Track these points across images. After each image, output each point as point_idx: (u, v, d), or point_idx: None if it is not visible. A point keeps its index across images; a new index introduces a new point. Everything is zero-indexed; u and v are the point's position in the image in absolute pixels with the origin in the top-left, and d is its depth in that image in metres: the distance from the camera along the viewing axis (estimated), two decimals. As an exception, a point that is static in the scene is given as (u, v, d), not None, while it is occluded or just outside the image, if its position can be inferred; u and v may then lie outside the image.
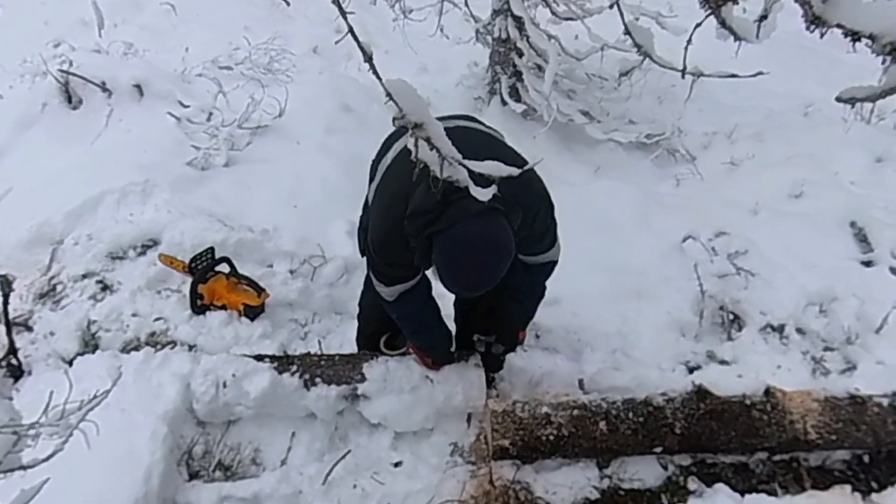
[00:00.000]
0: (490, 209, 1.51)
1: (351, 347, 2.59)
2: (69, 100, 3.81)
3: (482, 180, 1.06)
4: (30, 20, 5.74)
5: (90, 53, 4.29)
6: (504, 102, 4.15)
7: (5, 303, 2.42)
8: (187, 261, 2.69)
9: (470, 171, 1.04)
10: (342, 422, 2.36)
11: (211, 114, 3.74)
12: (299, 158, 3.54)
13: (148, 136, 3.52)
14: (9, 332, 2.44)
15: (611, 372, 2.56)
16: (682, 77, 1.20)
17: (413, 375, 2.23)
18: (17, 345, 2.48)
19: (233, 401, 2.23)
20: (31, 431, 1.45)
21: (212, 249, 2.71)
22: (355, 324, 2.57)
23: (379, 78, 0.95)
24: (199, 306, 2.67)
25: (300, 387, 2.23)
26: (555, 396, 2.39)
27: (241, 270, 2.73)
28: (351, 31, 0.94)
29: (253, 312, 2.66)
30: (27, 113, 3.78)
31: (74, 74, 3.76)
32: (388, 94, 0.94)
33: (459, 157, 1.02)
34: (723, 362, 2.69)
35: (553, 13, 3.93)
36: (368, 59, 0.94)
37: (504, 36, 3.99)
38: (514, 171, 1.04)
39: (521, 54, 4.01)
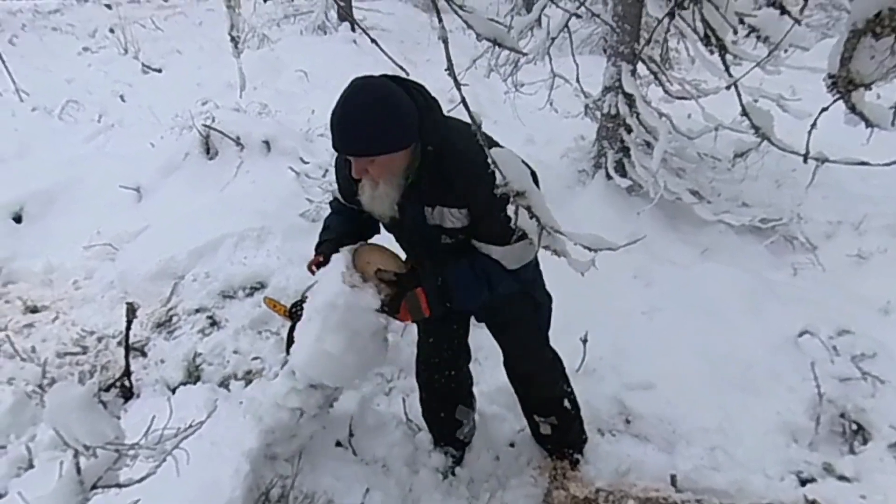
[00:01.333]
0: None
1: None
2: (207, 151, 4.26)
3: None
4: (186, 82, 6.55)
5: (230, 111, 4.80)
6: (609, 177, 4.11)
7: (128, 328, 2.65)
8: (289, 306, 2.83)
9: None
10: (417, 481, 2.32)
11: (326, 171, 4.01)
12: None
13: (269, 187, 3.82)
14: (126, 356, 2.66)
15: (708, 471, 2.34)
16: (805, 162, 1.13)
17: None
18: (132, 368, 2.69)
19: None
20: (131, 452, 1.54)
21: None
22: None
23: (485, 147, 0.98)
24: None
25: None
26: (643, 490, 2.21)
27: (336, 320, 2.82)
28: (463, 101, 0.98)
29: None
30: (172, 160, 4.25)
31: (215, 129, 4.21)
32: (493, 163, 0.96)
33: (559, 226, 1.02)
34: (842, 478, 2.38)
35: (666, 92, 3.91)
36: (477, 127, 0.98)
37: (613, 112, 4.00)
38: (614, 245, 1.01)
39: (629, 130, 3.99)
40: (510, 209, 1.01)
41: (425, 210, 1.72)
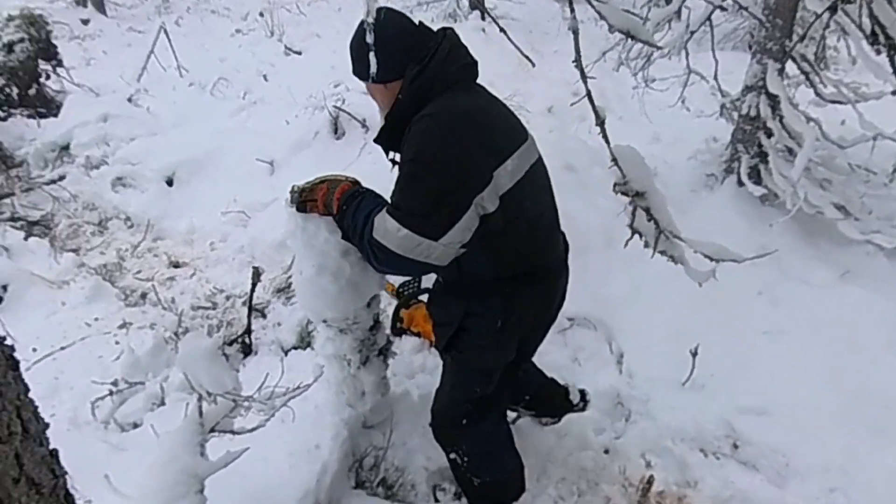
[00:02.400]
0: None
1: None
2: (335, 131, 4.48)
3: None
4: (322, 64, 6.91)
5: (360, 94, 5.00)
6: (741, 183, 3.82)
7: (252, 290, 2.88)
8: (397, 285, 2.93)
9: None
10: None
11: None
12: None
13: (388, 169, 3.95)
14: (249, 315, 2.90)
15: (824, 514, 2.13)
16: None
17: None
18: (252, 327, 2.93)
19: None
20: (246, 403, 1.68)
21: (419, 279, 2.91)
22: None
23: (608, 142, 0.94)
24: (397, 328, 2.87)
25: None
26: (745, 521, 2.06)
27: (440, 304, 2.88)
28: (588, 94, 0.96)
29: (442, 346, 2.77)
30: (303, 138, 4.53)
31: (343, 111, 4.42)
32: (614, 159, 0.93)
33: (679, 231, 0.97)
34: None
35: (818, 94, 3.54)
36: (601, 122, 0.95)
37: (753, 113, 3.70)
38: (739, 257, 0.94)
39: (769, 134, 3.67)
40: (628, 209, 0.97)
41: (388, 154, 1.68)
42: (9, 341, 0.74)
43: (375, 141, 1.70)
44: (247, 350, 2.88)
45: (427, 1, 11.31)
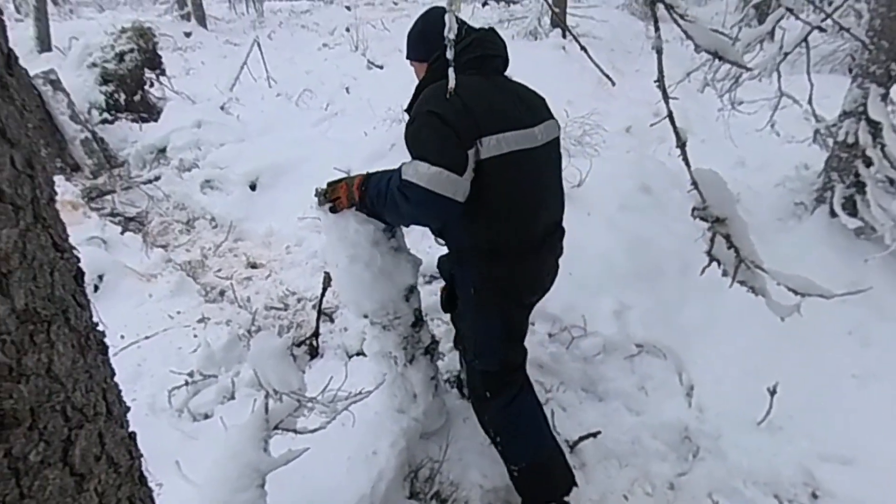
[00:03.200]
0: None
1: (589, 428, 2.48)
2: (411, 144, 4.57)
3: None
4: (402, 79, 7.08)
5: (436, 109, 5.09)
6: (833, 214, 3.58)
7: (322, 294, 2.96)
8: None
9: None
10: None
11: (517, 173, 4.06)
12: (586, 229, 3.60)
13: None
14: (318, 319, 2.98)
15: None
16: None
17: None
18: (320, 330, 3.01)
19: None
20: (309, 404, 1.73)
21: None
22: (599, 407, 2.46)
23: (688, 165, 0.91)
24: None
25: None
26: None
27: (504, 320, 2.86)
28: (670, 115, 0.93)
29: (504, 363, 2.74)
30: (379, 149, 4.64)
31: (420, 124, 4.51)
32: (694, 183, 0.90)
33: (762, 261, 0.92)
34: None
35: (926, 122, 3.28)
36: (681, 144, 0.92)
37: (851, 140, 3.47)
38: (828, 293, 0.88)
39: (868, 163, 3.43)
40: (707, 235, 0.93)
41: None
42: (100, 327, 0.80)
43: (405, 110, 1.93)
44: (313, 352, 2.96)
45: (509, 18, 11.37)
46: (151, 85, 6.33)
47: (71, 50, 6.45)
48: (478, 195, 1.71)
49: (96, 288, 3.34)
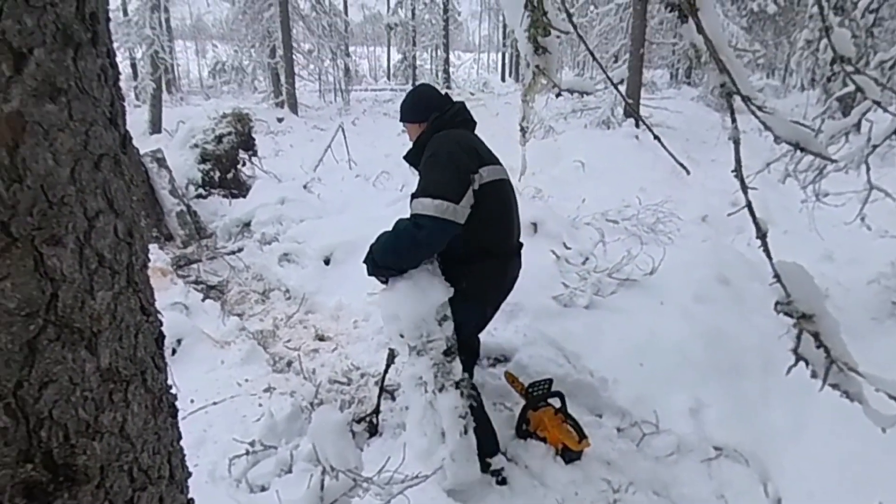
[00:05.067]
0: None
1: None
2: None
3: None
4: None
5: (508, 193, 5.19)
6: (938, 316, 3.28)
7: (385, 371, 2.96)
8: (526, 385, 2.85)
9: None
10: None
11: (587, 259, 4.02)
12: (659, 318, 3.46)
13: (529, 266, 3.95)
14: (379, 396, 2.97)
15: None
16: None
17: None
18: (381, 408, 2.98)
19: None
20: (365, 484, 1.69)
21: (550, 381, 2.81)
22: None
23: (769, 257, 0.87)
24: (523, 430, 2.76)
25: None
26: None
27: (570, 410, 2.74)
28: (749, 205, 0.90)
29: (569, 456, 2.61)
30: (450, 230, 4.74)
31: (491, 207, 4.59)
32: (777, 276, 0.85)
33: (855, 363, 0.84)
34: None
35: None
36: (762, 235, 0.88)
37: (954, 237, 3.23)
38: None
39: (977, 263, 3.16)
40: (792, 332, 0.87)
41: (412, 169, 2.50)
42: (173, 390, 0.83)
43: (405, 158, 2.55)
44: (373, 430, 2.92)
45: (582, 108, 11.66)
46: (244, 164, 6.86)
47: (177, 132, 7.13)
48: (477, 211, 2.19)
49: (174, 351, 3.48)
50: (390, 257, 2.24)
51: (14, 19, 0.49)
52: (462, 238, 2.20)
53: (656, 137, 1.17)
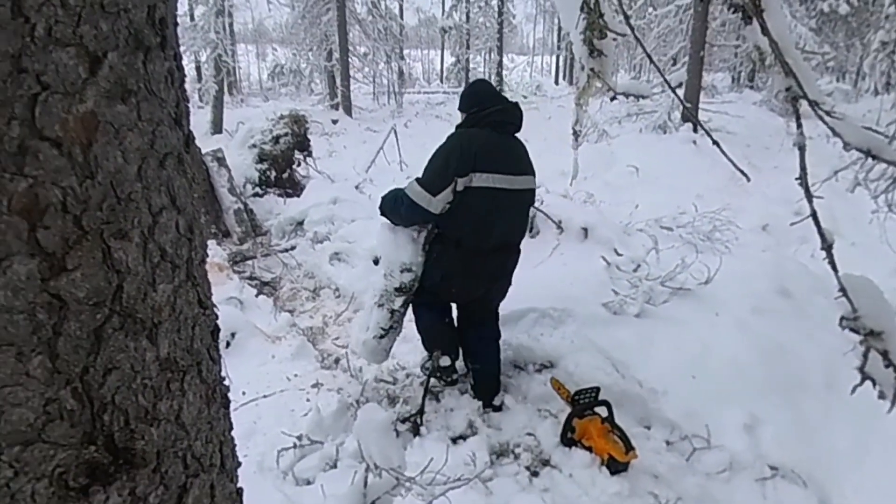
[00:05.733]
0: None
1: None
2: (530, 229, 4.61)
3: None
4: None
5: (558, 197, 5.13)
6: None
7: (429, 377, 2.97)
8: (572, 392, 2.80)
9: None
10: None
11: (639, 266, 3.92)
12: (713, 330, 3.35)
13: (578, 273, 3.92)
14: (424, 396, 2.98)
15: None
16: None
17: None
18: (426, 409, 2.99)
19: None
20: (407, 483, 1.70)
21: (597, 389, 2.76)
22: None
23: (835, 269, 0.83)
24: (568, 438, 2.72)
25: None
26: None
27: (618, 420, 2.68)
28: (814, 214, 0.86)
29: (615, 467, 2.55)
30: (499, 233, 4.73)
31: (541, 210, 4.54)
32: (842, 290, 0.81)
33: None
34: None
35: None
36: (827, 247, 0.84)
37: None
38: None
39: None
40: (858, 349, 0.82)
41: None
42: (226, 382, 0.86)
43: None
44: (416, 430, 2.94)
45: (637, 112, 11.42)
46: (299, 164, 7.03)
47: (237, 132, 7.38)
48: (460, 205, 2.58)
49: (228, 344, 3.60)
50: (387, 210, 2.84)
51: (91, 24, 0.52)
52: (442, 223, 2.69)
53: (715, 142, 1.13)
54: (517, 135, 2.80)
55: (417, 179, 2.61)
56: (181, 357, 0.68)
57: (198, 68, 17.87)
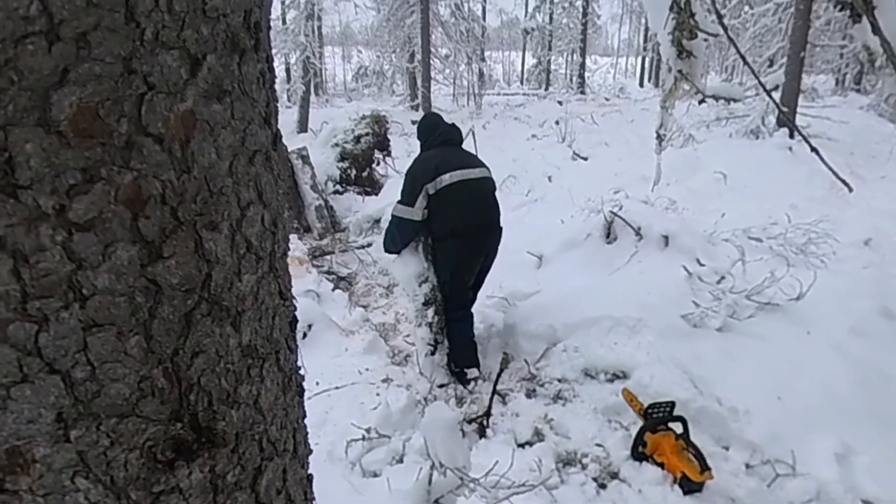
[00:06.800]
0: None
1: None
2: (608, 235, 4.49)
3: None
4: (605, 171, 7.09)
5: (638, 202, 4.97)
6: None
7: (499, 375, 2.97)
8: (645, 405, 2.71)
9: None
10: None
11: (723, 278, 3.73)
12: (803, 349, 3.13)
13: (657, 281, 3.78)
14: (491, 398, 2.98)
15: None
16: None
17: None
18: (492, 411, 2.99)
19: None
20: (471, 484, 1.70)
21: (672, 404, 2.65)
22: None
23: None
24: (639, 452, 2.63)
25: None
26: None
27: (693, 438, 2.56)
28: (925, 230, 0.78)
29: (688, 486, 2.44)
30: (574, 238, 4.64)
31: (619, 216, 4.41)
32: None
33: None
34: None
35: None
36: (940, 266, 0.76)
37: None
38: None
39: None
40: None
41: None
42: (301, 371, 0.89)
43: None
44: (482, 432, 2.94)
45: (728, 116, 10.88)
46: (378, 164, 7.20)
47: (321, 132, 7.65)
48: (440, 204, 3.17)
49: (304, 335, 3.75)
50: (388, 244, 3.42)
51: (193, 29, 0.56)
52: (433, 227, 3.26)
53: (814, 149, 1.06)
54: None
55: (398, 200, 3.25)
56: (261, 345, 0.71)
57: (287, 70, 18.69)
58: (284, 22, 17.35)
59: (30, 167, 0.48)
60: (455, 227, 3.21)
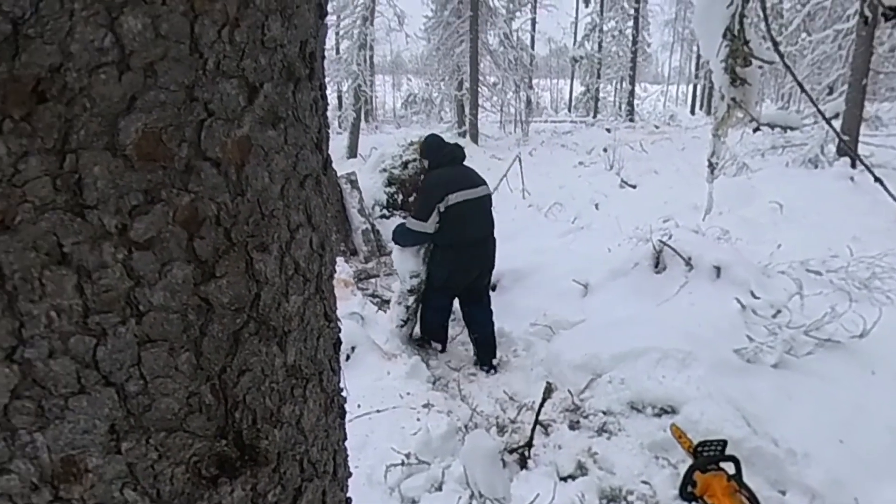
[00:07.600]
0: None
1: None
2: (656, 264, 4.38)
3: None
4: (654, 199, 6.95)
5: (688, 232, 4.85)
6: None
7: (541, 405, 2.91)
8: (695, 442, 2.60)
9: None
10: None
11: (779, 311, 3.58)
12: (868, 390, 2.96)
13: (708, 313, 3.65)
14: (533, 429, 2.92)
15: None
16: None
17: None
18: (534, 442, 2.92)
19: None
20: (511, 517, 1.66)
21: (724, 443, 2.54)
22: None
23: None
24: (688, 492, 2.52)
25: None
26: None
27: (746, 480, 2.43)
28: None
29: (741, 531, 2.31)
30: (622, 267, 4.55)
31: (669, 246, 4.31)
32: None
33: None
34: None
35: None
36: None
37: None
38: None
39: None
40: None
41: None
42: (344, 393, 0.90)
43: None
44: (523, 463, 2.88)
45: (784, 145, 10.56)
46: (424, 189, 7.28)
47: (370, 157, 7.82)
48: (446, 220, 3.67)
49: (348, 357, 3.78)
50: (398, 238, 3.92)
51: (252, 58, 0.58)
52: (439, 236, 3.73)
53: (877, 179, 1.01)
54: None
55: (413, 215, 3.82)
56: (306, 365, 0.72)
57: (339, 97, 19.24)
58: (338, 52, 17.93)
59: (97, 188, 0.51)
60: (456, 240, 3.76)
